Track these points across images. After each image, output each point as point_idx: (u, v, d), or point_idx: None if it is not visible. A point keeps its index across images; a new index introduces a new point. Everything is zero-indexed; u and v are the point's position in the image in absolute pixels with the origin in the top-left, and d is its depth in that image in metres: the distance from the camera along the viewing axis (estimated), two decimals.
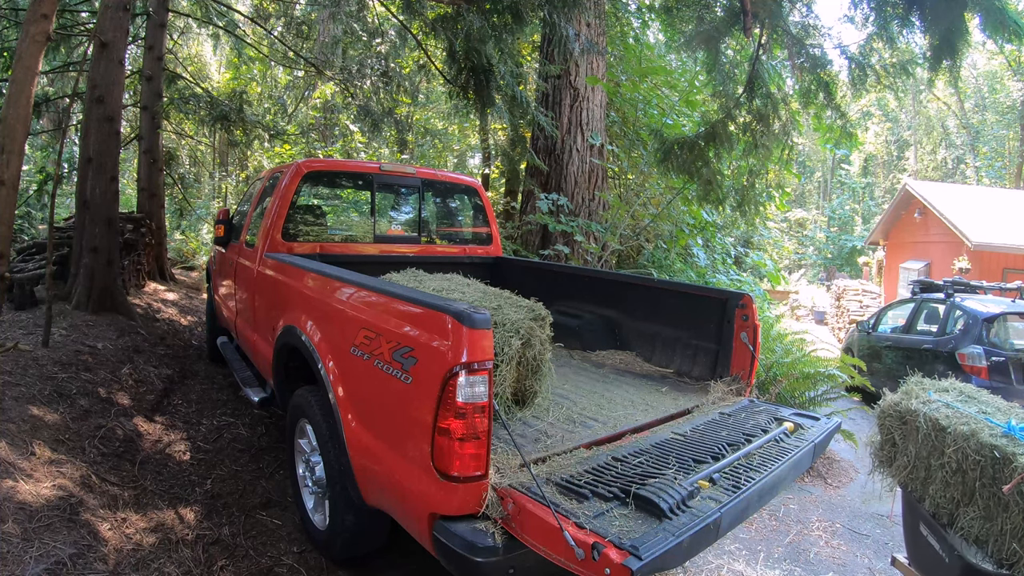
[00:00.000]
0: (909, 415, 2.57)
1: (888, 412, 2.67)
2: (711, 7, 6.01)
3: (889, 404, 2.68)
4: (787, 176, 8.81)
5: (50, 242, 4.62)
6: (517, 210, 9.70)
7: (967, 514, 2.33)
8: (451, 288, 3.22)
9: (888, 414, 2.67)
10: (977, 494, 2.30)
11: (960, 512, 2.36)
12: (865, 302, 14.62)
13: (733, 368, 3.22)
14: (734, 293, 3.26)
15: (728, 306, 3.23)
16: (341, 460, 2.43)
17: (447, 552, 1.84)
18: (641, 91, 8.55)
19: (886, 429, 2.68)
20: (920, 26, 4.47)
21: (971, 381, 5.64)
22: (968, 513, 2.33)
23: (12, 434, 2.98)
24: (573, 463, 2.13)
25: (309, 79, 12.94)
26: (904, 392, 2.72)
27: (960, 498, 2.37)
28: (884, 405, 2.71)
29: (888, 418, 2.67)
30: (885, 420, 2.69)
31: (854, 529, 3.93)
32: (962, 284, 6.84)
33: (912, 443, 2.54)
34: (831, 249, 29.85)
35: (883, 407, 2.71)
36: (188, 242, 12.37)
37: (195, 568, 2.58)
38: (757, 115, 5.10)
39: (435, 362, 1.89)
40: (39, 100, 7.62)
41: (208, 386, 5.01)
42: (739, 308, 3.17)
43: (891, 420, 2.65)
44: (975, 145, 28.05)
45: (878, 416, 2.73)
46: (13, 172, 3.24)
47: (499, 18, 5.86)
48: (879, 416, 2.72)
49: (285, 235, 3.85)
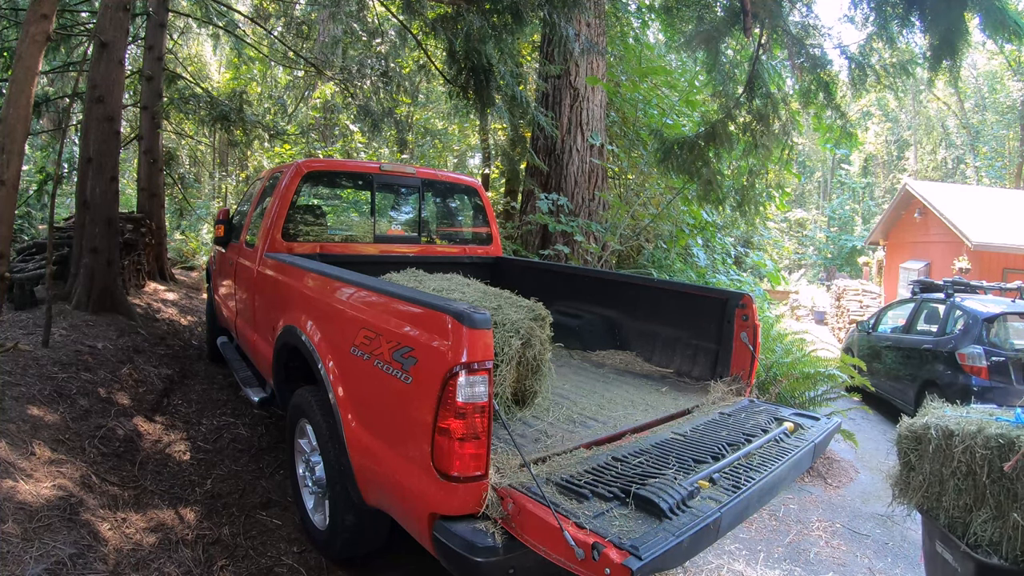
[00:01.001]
0: (922, 431, 2.60)
1: (904, 435, 2.70)
2: (711, 7, 6.02)
3: (904, 427, 2.71)
4: (787, 176, 8.81)
5: (50, 242, 4.63)
6: (517, 210, 9.70)
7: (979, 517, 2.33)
8: (451, 288, 3.22)
9: (904, 436, 2.70)
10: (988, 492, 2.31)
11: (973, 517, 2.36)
12: (865, 302, 14.62)
13: (733, 368, 3.22)
14: (734, 293, 3.26)
15: (728, 306, 3.23)
16: (341, 460, 2.43)
17: (447, 552, 1.84)
18: (641, 91, 8.55)
19: (903, 453, 2.71)
20: (920, 26, 4.48)
21: (971, 381, 5.65)
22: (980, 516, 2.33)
23: (12, 434, 2.98)
24: (573, 463, 2.13)
25: (309, 79, 12.94)
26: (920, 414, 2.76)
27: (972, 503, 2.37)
28: (900, 429, 2.73)
29: (904, 440, 2.70)
30: (901, 443, 2.71)
31: (854, 529, 3.93)
32: (962, 284, 6.84)
33: (926, 460, 2.56)
34: (831, 249, 29.86)
35: (899, 431, 2.73)
36: (188, 242, 12.36)
37: (195, 568, 2.58)
38: (757, 115, 5.10)
39: (435, 362, 1.89)
40: (39, 100, 7.62)
41: (208, 386, 5.01)
42: (739, 308, 3.17)
43: (907, 442, 2.68)
44: (975, 145, 28.04)
45: (896, 442, 2.75)
46: (13, 172, 3.25)
47: (499, 18, 5.87)
48: (896, 442, 2.74)
49: (285, 235, 3.85)
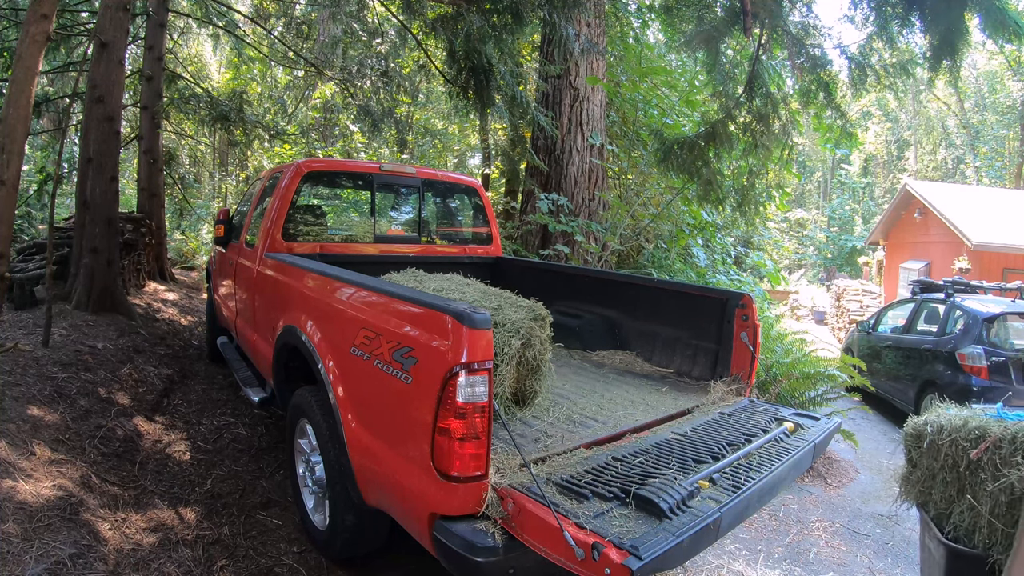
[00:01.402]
0: (922, 427, 2.69)
1: (909, 433, 2.78)
2: (711, 7, 6.02)
3: (909, 425, 2.79)
4: (787, 176, 8.82)
5: (50, 242, 4.63)
6: (517, 210, 9.69)
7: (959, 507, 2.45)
8: (451, 288, 3.22)
9: (908, 434, 2.78)
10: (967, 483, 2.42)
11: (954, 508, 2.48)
12: (865, 302, 14.62)
13: (733, 368, 3.22)
14: (734, 293, 3.26)
15: (728, 306, 3.23)
16: (341, 460, 2.43)
17: (447, 552, 1.84)
18: (641, 91, 8.55)
19: (908, 451, 2.79)
20: (920, 26, 4.48)
21: (971, 381, 5.65)
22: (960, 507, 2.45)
23: (12, 434, 2.98)
24: (573, 463, 2.13)
25: (309, 79, 12.93)
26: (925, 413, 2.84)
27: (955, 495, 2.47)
28: (906, 427, 2.81)
29: (908, 438, 2.78)
30: (907, 441, 2.79)
31: (854, 529, 3.93)
32: (962, 284, 6.84)
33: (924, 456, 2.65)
34: (831, 249, 29.86)
35: (905, 430, 2.81)
36: (188, 242, 12.35)
37: (195, 568, 2.58)
38: (757, 115, 5.10)
39: (435, 362, 1.89)
40: (39, 100, 7.62)
41: (208, 386, 5.01)
42: (739, 308, 3.17)
43: (910, 440, 2.76)
44: (975, 145, 28.04)
45: (903, 439, 2.82)
46: (13, 172, 3.25)
47: (499, 18, 5.86)
48: (903, 439, 2.82)
49: (285, 235, 3.85)
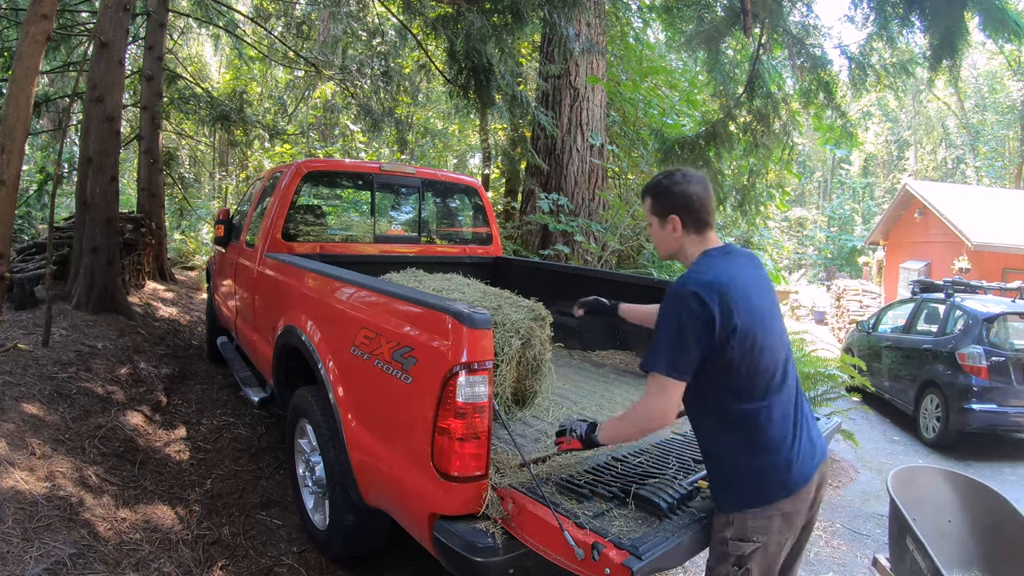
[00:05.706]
0: None
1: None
2: (711, 7, 6.02)
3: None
4: (787, 176, 8.82)
5: (50, 242, 4.63)
6: (517, 210, 9.69)
7: None
8: (451, 288, 3.22)
9: None
10: None
11: None
12: (865, 302, 14.62)
13: None
14: None
15: None
16: (341, 460, 2.42)
17: (447, 552, 1.83)
18: (641, 91, 8.55)
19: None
20: (920, 26, 4.48)
21: (971, 381, 5.65)
22: None
23: (12, 434, 2.98)
24: (573, 463, 2.13)
25: (309, 79, 12.91)
26: None
27: None
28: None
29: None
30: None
31: (854, 529, 3.93)
32: (962, 284, 6.84)
33: None
34: (831, 249, 29.87)
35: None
36: (188, 242, 12.35)
37: (195, 568, 2.58)
38: (757, 115, 5.11)
39: (435, 362, 1.89)
40: (39, 100, 7.62)
41: (208, 386, 5.01)
42: None
43: None
44: (975, 145, 28.05)
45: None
46: (13, 172, 3.25)
47: (499, 18, 5.86)
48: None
49: (285, 235, 3.84)
